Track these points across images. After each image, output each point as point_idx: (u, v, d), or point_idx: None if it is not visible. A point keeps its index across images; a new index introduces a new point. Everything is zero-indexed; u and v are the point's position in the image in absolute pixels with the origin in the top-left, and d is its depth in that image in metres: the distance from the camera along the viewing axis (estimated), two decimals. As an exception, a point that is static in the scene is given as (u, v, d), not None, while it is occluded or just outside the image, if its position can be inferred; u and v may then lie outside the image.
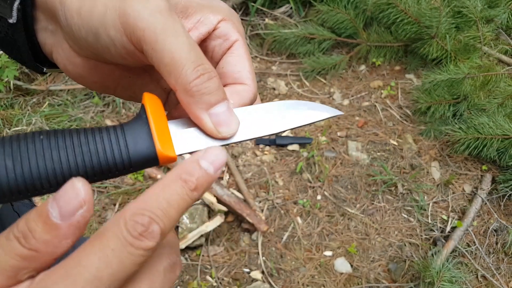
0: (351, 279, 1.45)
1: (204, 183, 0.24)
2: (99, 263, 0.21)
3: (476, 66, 1.71)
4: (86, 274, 0.21)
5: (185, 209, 0.24)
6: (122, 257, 0.22)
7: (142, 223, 0.22)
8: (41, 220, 0.22)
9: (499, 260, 1.52)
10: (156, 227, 0.22)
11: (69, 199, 0.22)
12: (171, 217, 0.23)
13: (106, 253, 0.21)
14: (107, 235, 0.22)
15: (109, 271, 0.21)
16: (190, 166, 0.24)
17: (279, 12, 2.15)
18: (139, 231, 0.22)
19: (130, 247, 0.22)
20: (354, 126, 1.81)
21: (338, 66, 1.94)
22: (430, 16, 1.76)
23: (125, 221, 0.22)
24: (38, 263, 0.22)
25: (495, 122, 1.59)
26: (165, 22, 0.25)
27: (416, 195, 1.63)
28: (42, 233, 0.22)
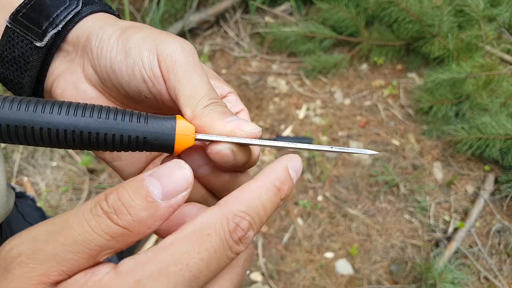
0: (352, 281, 1.43)
1: (290, 193, 0.25)
2: (201, 264, 0.21)
3: (478, 65, 1.70)
4: (187, 273, 0.20)
5: (271, 216, 0.24)
6: (221, 260, 0.21)
7: (243, 228, 0.22)
8: (140, 196, 0.21)
9: (502, 261, 1.51)
10: (252, 234, 0.22)
11: (176, 179, 0.22)
12: (263, 222, 0.23)
13: (209, 254, 0.21)
14: (210, 233, 0.21)
15: (207, 273, 0.21)
16: (282, 174, 0.24)
17: (280, 11, 2.13)
18: (239, 235, 0.22)
19: (229, 251, 0.21)
20: (355, 125, 1.79)
21: (339, 65, 1.92)
22: (432, 15, 1.75)
23: (227, 222, 0.22)
24: (124, 243, 0.21)
25: (497, 122, 1.58)
26: (194, 64, 0.29)
27: (418, 196, 1.61)
28: (139, 210, 0.21)
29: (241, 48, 2.06)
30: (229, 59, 2.03)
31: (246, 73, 1.96)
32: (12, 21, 0.33)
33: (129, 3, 2.01)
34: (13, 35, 0.33)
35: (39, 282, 0.20)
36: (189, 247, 0.21)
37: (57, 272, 0.20)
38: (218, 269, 0.21)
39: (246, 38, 2.08)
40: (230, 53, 2.04)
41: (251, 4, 2.08)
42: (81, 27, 0.33)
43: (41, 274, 0.20)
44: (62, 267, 0.20)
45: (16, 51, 0.32)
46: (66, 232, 0.20)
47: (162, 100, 0.30)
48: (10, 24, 0.33)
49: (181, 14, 2.07)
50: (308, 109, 1.84)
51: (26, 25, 0.32)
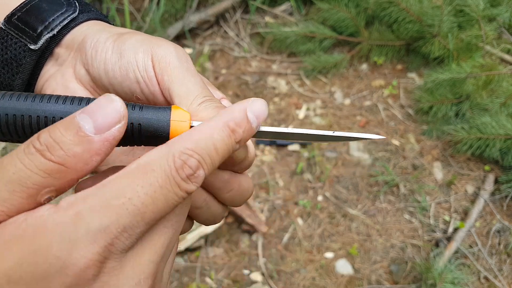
0: (352, 281, 1.43)
1: (247, 137, 0.24)
2: (146, 198, 0.20)
3: (478, 65, 1.70)
4: (131, 207, 0.20)
5: (224, 159, 0.23)
6: (168, 196, 0.21)
7: (191, 166, 0.21)
8: (71, 132, 0.21)
9: (502, 261, 1.51)
10: (202, 172, 0.22)
11: (106, 112, 0.21)
12: (215, 164, 0.23)
13: (154, 189, 0.20)
14: (155, 169, 0.21)
15: (153, 208, 0.20)
16: (238, 115, 0.24)
17: (280, 11, 2.13)
18: (187, 173, 0.21)
19: (177, 187, 0.21)
20: (355, 125, 1.79)
21: (339, 65, 1.92)
22: (432, 15, 1.75)
23: (173, 159, 0.21)
24: (62, 181, 0.21)
25: (497, 122, 1.58)
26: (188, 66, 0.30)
27: (418, 196, 1.61)
28: (72, 145, 0.20)
29: (241, 48, 2.06)
30: (229, 59, 2.02)
31: (246, 73, 1.96)
32: (7, 23, 0.33)
33: (129, 3, 2.01)
34: (7, 37, 0.33)
35: None
36: (132, 181, 0.20)
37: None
38: (167, 207, 0.21)
39: (246, 38, 2.08)
40: (230, 53, 2.04)
41: (251, 4, 2.08)
42: (76, 31, 0.33)
43: None
44: (1, 207, 0.20)
45: (9, 53, 0.32)
46: (1, 173, 0.20)
47: (154, 102, 0.30)
48: (4, 26, 0.33)
49: (181, 14, 2.07)
50: (308, 109, 1.84)
51: (21, 27, 0.32)
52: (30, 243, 0.19)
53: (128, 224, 0.20)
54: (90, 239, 0.19)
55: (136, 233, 0.20)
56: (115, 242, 0.20)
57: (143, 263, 0.21)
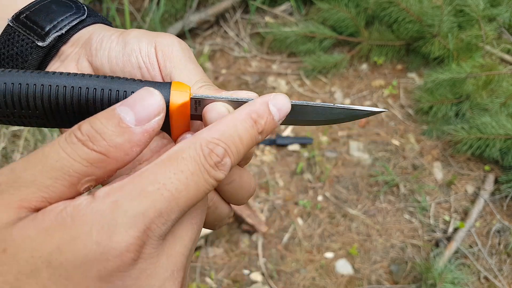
0: (352, 281, 1.43)
1: (269, 128, 0.25)
2: (179, 184, 0.21)
3: (478, 65, 1.70)
4: (166, 193, 0.20)
5: (249, 149, 0.24)
6: (199, 183, 0.21)
7: (218, 154, 0.22)
8: (113, 123, 0.22)
9: (502, 261, 1.51)
10: (228, 160, 0.22)
11: (147, 105, 0.22)
12: (240, 153, 0.23)
13: (186, 175, 0.21)
14: (185, 157, 0.21)
15: (186, 194, 0.21)
16: (260, 107, 0.25)
17: (280, 11, 2.13)
18: (215, 160, 0.22)
19: (207, 174, 0.22)
20: (355, 125, 1.79)
21: (339, 65, 1.92)
22: (432, 15, 1.75)
23: (201, 147, 0.22)
24: (103, 170, 0.21)
25: (497, 122, 1.58)
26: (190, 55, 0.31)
27: (418, 196, 1.61)
28: (113, 136, 0.21)
29: (241, 48, 2.06)
30: (229, 59, 2.02)
31: (246, 73, 1.96)
32: (15, 20, 0.33)
33: (129, 3, 2.01)
34: (14, 34, 0.33)
35: (20, 207, 0.20)
36: (165, 169, 0.21)
37: (38, 198, 0.20)
38: (199, 194, 0.22)
39: (246, 38, 2.08)
40: (230, 53, 2.04)
41: (251, 4, 2.08)
42: (83, 31, 0.34)
43: (21, 199, 0.20)
44: (43, 193, 0.20)
45: (15, 49, 0.33)
46: (44, 160, 0.21)
47: None
48: (12, 23, 0.33)
49: (181, 14, 2.07)
50: (308, 109, 1.84)
51: (29, 25, 0.33)
52: (70, 230, 0.19)
53: (164, 209, 0.20)
54: (129, 224, 0.20)
55: (172, 219, 0.21)
56: (153, 226, 0.20)
57: (176, 254, 0.22)
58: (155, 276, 0.21)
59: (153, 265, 0.21)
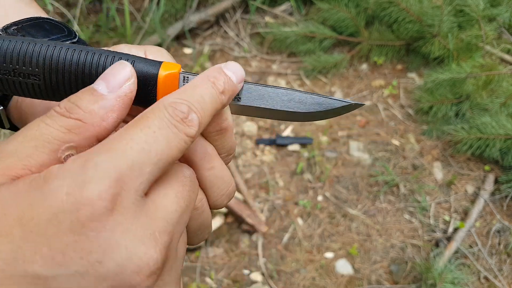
0: (352, 281, 1.43)
1: (230, 89, 0.26)
2: (147, 137, 0.21)
3: (478, 65, 1.70)
4: (135, 146, 0.21)
5: (216, 110, 0.25)
6: (169, 137, 0.22)
7: (182, 110, 0.23)
8: (87, 93, 0.23)
9: (502, 261, 1.51)
10: (195, 116, 0.23)
11: (117, 73, 0.24)
12: (207, 110, 0.24)
13: (153, 130, 0.22)
14: (150, 116, 0.22)
15: (157, 147, 0.21)
16: (215, 71, 0.26)
17: (280, 11, 2.13)
18: (181, 116, 0.23)
19: (174, 128, 0.22)
20: (355, 125, 1.79)
21: (339, 65, 1.92)
22: (432, 15, 1.75)
23: (164, 107, 0.23)
24: (82, 136, 0.22)
25: (497, 122, 1.58)
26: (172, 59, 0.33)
27: (418, 196, 1.61)
28: (88, 104, 0.23)
29: (241, 48, 2.06)
30: (229, 59, 2.03)
31: (246, 73, 1.96)
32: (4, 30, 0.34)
33: (129, 3, 2.01)
34: None
35: (2, 175, 0.21)
36: (132, 129, 0.22)
37: (20, 167, 0.21)
38: (170, 147, 0.22)
39: (246, 38, 2.08)
40: (230, 53, 2.04)
41: (251, 4, 2.08)
42: None
43: (3, 168, 0.21)
44: (24, 161, 0.21)
45: None
46: (25, 132, 0.22)
47: None
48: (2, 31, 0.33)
49: (181, 14, 2.07)
50: (308, 109, 1.84)
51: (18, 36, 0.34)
52: (41, 189, 0.20)
53: (135, 160, 0.21)
54: (100, 175, 0.20)
55: (146, 172, 0.21)
56: (125, 178, 0.20)
57: (157, 218, 0.22)
58: (132, 231, 0.20)
59: (131, 221, 0.20)
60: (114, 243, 0.19)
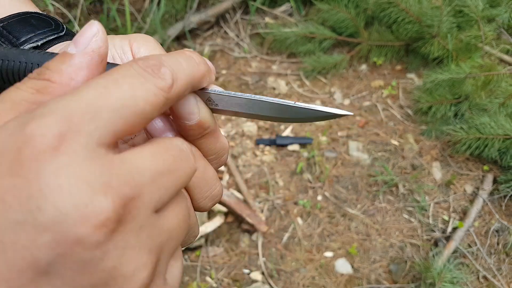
0: (351, 280, 1.44)
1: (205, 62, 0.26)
2: (107, 83, 0.20)
3: (477, 65, 1.71)
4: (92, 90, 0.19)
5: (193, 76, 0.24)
6: (134, 85, 0.20)
7: (153, 63, 0.21)
8: (58, 56, 0.22)
9: (501, 260, 1.52)
10: (167, 70, 0.22)
11: (83, 31, 0.23)
12: (182, 71, 0.23)
13: (116, 78, 0.20)
14: (117, 68, 0.21)
15: (118, 94, 0.19)
16: None
17: (279, 11, 2.14)
18: (151, 67, 0.21)
19: (142, 78, 0.20)
20: (355, 126, 1.80)
21: (338, 65, 1.93)
22: (431, 15, 1.75)
23: (135, 60, 0.21)
24: (50, 96, 0.21)
25: (496, 122, 1.58)
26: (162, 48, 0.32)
27: (417, 196, 1.62)
28: (57, 64, 0.22)
29: (241, 49, 2.07)
30: (229, 59, 2.03)
31: (246, 74, 1.97)
32: None
33: (129, 4, 2.02)
34: None
35: None
36: (95, 78, 0.20)
37: None
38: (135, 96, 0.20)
39: (246, 38, 2.09)
40: (230, 53, 2.05)
41: (251, 4, 2.09)
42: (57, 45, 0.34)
43: None
44: None
45: None
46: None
47: None
48: None
49: (181, 14, 2.08)
50: (308, 110, 1.85)
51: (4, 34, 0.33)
52: None
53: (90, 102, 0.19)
54: (47, 113, 0.18)
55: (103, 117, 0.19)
56: (76, 118, 0.18)
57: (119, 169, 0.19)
58: (80, 176, 0.17)
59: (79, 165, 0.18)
60: (57, 187, 0.17)
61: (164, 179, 0.21)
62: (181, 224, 0.23)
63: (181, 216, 0.23)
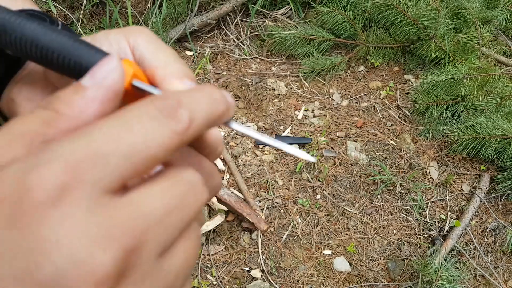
0: (350, 278, 1.46)
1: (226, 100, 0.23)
2: (119, 127, 0.18)
3: (474, 66, 1.73)
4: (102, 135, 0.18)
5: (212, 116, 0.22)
6: (147, 130, 0.18)
7: (170, 104, 0.19)
8: (71, 86, 0.21)
9: (498, 259, 1.54)
10: (184, 112, 0.20)
11: (101, 64, 0.21)
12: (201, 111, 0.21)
13: (129, 121, 0.18)
14: (131, 109, 0.19)
15: (129, 139, 0.18)
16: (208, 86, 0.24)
17: (279, 14, 2.16)
18: (167, 110, 0.19)
19: (156, 121, 0.19)
20: (353, 126, 1.82)
21: (337, 67, 1.95)
22: (429, 17, 1.77)
23: (151, 100, 0.19)
24: (58, 128, 0.20)
25: (493, 122, 1.60)
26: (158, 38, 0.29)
27: (415, 195, 1.64)
28: (68, 95, 0.20)
29: (241, 50, 2.10)
30: (229, 61, 2.06)
31: (246, 75, 1.99)
32: None
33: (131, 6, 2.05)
34: None
35: None
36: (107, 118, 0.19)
37: None
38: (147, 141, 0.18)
39: (247, 40, 2.12)
40: (231, 55, 2.07)
41: (251, 7, 2.11)
42: None
43: None
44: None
45: None
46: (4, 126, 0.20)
47: None
48: None
49: (182, 17, 2.11)
50: (307, 110, 1.87)
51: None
52: None
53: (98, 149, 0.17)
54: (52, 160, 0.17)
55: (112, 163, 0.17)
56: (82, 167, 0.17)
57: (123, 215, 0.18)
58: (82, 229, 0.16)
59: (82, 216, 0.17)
60: (55, 242, 0.16)
61: (172, 219, 0.19)
62: (190, 259, 0.21)
63: (190, 251, 0.21)
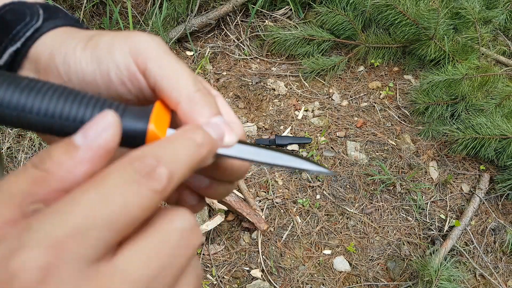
0: (350, 278, 1.47)
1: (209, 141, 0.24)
2: (98, 197, 0.18)
3: (474, 67, 1.73)
4: (81, 208, 0.18)
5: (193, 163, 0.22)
6: (127, 194, 0.19)
7: (148, 164, 0.20)
8: (64, 144, 0.21)
9: (497, 259, 1.54)
10: (163, 170, 0.20)
11: (94, 123, 0.21)
12: (180, 162, 0.21)
13: (108, 188, 0.19)
14: (109, 172, 0.19)
15: (109, 208, 0.18)
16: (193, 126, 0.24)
17: (279, 14, 2.17)
18: (146, 170, 0.19)
19: (135, 184, 0.19)
20: (353, 126, 1.83)
21: (337, 67, 1.96)
22: (428, 18, 1.78)
23: (129, 161, 0.20)
24: (46, 190, 0.20)
25: (492, 122, 1.61)
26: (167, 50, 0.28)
27: (414, 195, 1.64)
28: (59, 155, 0.20)
29: (241, 51, 2.10)
30: (229, 61, 2.06)
31: (246, 75, 2.00)
32: None
33: (132, 7, 2.06)
34: None
35: None
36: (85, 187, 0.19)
37: None
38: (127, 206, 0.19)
39: (247, 40, 2.12)
40: (231, 55, 2.08)
41: (251, 7, 2.12)
42: (41, 43, 0.29)
43: None
44: None
45: None
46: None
47: (144, 97, 0.28)
48: None
49: (183, 17, 2.12)
50: (307, 110, 1.87)
51: None
52: None
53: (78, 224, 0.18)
54: (34, 241, 0.17)
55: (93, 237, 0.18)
56: (65, 245, 0.17)
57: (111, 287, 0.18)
58: None
59: None
60: None
61: (166, 273, 0.19)
62: None
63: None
